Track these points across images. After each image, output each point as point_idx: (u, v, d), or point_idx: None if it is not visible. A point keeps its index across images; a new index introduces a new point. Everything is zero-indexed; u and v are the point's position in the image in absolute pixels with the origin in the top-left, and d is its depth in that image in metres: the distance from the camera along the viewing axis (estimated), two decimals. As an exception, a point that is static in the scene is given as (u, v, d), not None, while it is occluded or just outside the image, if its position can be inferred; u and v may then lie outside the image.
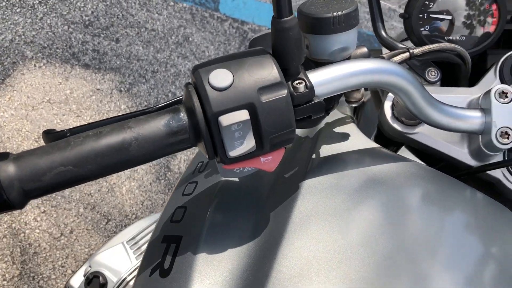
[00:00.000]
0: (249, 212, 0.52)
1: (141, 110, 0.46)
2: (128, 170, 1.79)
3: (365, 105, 0.77)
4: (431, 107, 0.54)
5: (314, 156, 0.57)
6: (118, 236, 1.08)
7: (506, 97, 0.55)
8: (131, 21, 2.02)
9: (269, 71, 0.43)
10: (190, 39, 2.07)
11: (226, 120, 0.41)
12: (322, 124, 0.63)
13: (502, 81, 0.61)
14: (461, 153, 0.60)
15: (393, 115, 0.61)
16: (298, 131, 0.65)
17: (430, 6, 0.64)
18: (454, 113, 0.55)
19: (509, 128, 0.54)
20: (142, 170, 1.78)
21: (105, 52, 1.93)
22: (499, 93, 0.55)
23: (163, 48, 2.02)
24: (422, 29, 0.65)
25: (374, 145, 0.59)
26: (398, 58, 0.61)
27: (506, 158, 0.59)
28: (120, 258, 0.99)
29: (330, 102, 0.55)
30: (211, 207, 0.53)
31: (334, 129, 0.62)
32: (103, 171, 0.42)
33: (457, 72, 0.65)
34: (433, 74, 0.64)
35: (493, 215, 0.55)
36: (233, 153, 0.43)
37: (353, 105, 0.56)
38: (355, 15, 0.49)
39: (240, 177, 0.58)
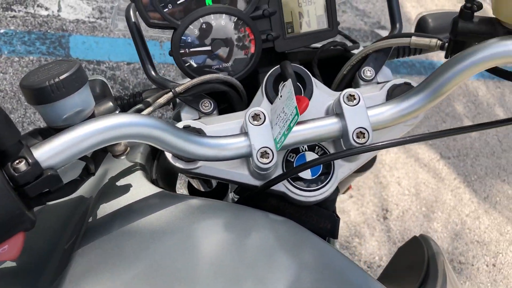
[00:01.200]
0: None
1: None
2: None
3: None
4: (192, 144, 0.55)
5: (91, 219, 0.55)
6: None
7: (260, 118, 0.57)
8: (-27, 87, 1.89)
9: None
10: (45, 91, 1.97)
11: None
12: (106, 179, 0.62)
13: (268, 98, 0.63)
14: (244, 176, 0.61)
15: (174, 155, 0.61)
16: (80, 192, 0.63)
17: (189, 40, 0.65)
18: (217, 144, 0.56)
19: (268, 148, 0.56)
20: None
21: (-51, 125, 1.78)
22: (252, 116, 0.57)
23: (15, 107, 1.91)
24: (188, 63, 0.66)
25: (157, 190, 0.59)
26: (162, 99, 0.61)
27: (284, 171, 0.62)
28: None
29: (90, 164, 0.54)
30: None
31: (117, 183, 0.61)
32: None
33: (230, 98, 0.66)
34: (206, 105, 0.65)
35: (279, 229, 0.57)
36: (-49, 257, 0.40)
37: (120, 158, 0.56)
38: (77, 76, 0.48)
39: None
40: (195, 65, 0.67)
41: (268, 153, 0.56)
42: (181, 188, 1.83)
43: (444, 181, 2.59)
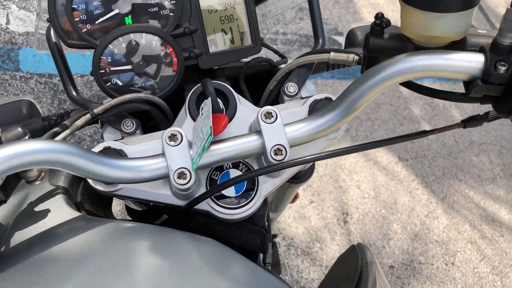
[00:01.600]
0: None
1: None
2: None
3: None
4: (106, 167, 0.54)
5: (3, 248, 0.54)
6: None
7: (177, 139, 0.56)
8: None
9: None
10: (-7, 107, 1.92)
11: None
12: (24, 205, 0.60)
13: (192, 117, 0.63)
14: (167, 197, 0.61)
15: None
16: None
17: (113, 59, 0.64)
18: (133, 166, 0.55)
19: (185, 168, 0.56)
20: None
21: None
22: (168, 137, 0.56)
23: (-38, 124, 1.84)
24: (111, 82, 0.65)
25: (77, 214, 0.58)
26: (80, 121, 0.60)
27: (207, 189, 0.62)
28: None
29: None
30: None
31: (35, 208, 0.59)
32: None
33: (152, 117, 0.66)
34: (128, 125, 0.64)
35: (202, 250, 0.57)
36: None
37: (35, 183, 0.54)
38: None
39: None
40: (121, 84, 0.66)
41: (186, 174, 0.56)
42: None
43: (403, 183, 2.65)
